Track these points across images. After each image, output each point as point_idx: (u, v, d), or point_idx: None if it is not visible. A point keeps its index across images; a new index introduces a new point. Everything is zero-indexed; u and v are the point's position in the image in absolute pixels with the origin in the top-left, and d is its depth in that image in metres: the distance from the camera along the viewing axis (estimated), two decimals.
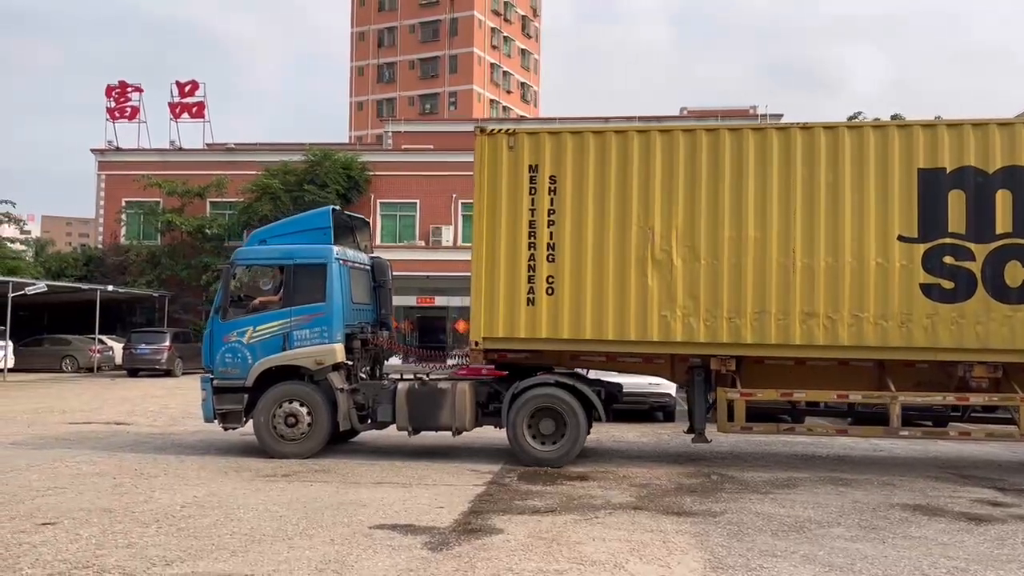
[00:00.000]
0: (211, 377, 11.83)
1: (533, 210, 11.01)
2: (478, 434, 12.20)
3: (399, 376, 12.18)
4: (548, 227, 10.96)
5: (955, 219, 10.40)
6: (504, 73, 76.78)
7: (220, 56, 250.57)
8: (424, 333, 33.36)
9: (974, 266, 10.33)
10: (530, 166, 11.06)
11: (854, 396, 10.70)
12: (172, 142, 42.94)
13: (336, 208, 12.73)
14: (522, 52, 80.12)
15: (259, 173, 37.56)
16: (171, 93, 43.17)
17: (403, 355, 13.78)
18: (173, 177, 38.76)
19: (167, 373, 30.06)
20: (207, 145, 43.54)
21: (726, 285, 10.62)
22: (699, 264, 10.70)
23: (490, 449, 12.44)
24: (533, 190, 11.05)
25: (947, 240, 10.40)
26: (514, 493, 9.34)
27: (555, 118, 50.32)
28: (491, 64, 75.23)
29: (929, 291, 10.36)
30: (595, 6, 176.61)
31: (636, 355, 11.23)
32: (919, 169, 10.50)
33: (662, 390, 15.45)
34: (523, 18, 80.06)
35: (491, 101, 74.60)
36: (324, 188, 36.33)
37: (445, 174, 38.36)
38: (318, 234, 11.96)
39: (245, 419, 11.76)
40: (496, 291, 11.05)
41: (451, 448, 12.48)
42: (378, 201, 38.66)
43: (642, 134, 11.03)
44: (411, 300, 32.36)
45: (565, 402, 11.06)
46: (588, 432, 11.33)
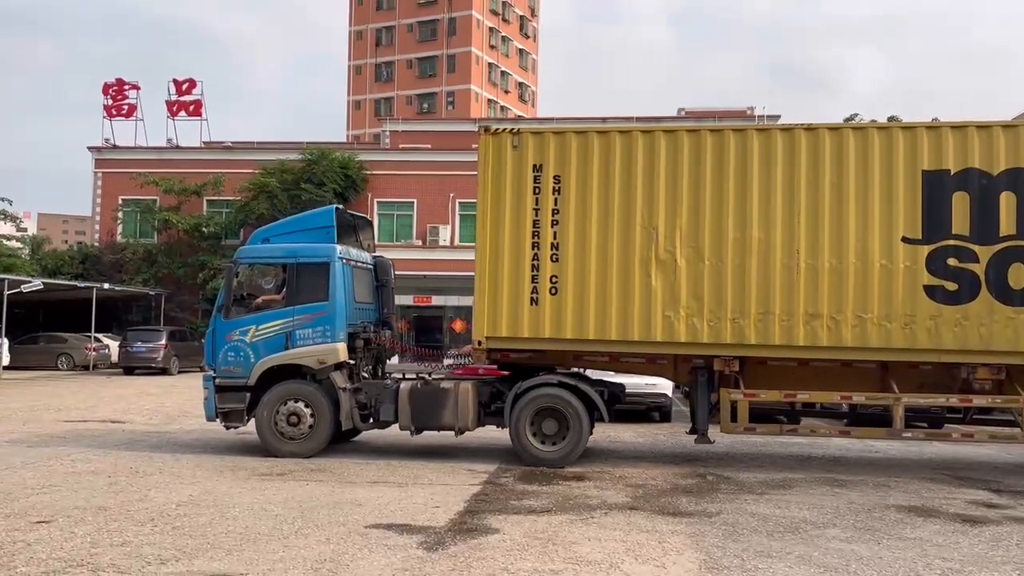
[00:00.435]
0: (213, 376, 11.77)
1: (537, 210, 10.97)
2: (474, 434, 12.16)
3: (401, 376, 12.13)
4: (552, 227, 10.93)
5: (959, 221, 10.38)
6: (502, 73, 76.77)
7: (219, 56, 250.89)
8: (421, 332, 33.33)
9: (978, 268, 10.31)
10: (534, 166, 11.02)
11: (858, 397, 10.71)
12: (169, 140, 42.85)
13: (339, 207, 12.70)
14: (520, 52, 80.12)
15: (256, 172, 37.48)
16: (168, 91, 43.13)
17: (399, 353, 13.76)
18: (170, 175, 38.60)
19: (163, 371, 29.97)
20: (204, 143, 43.49)
21: (730, 286, 10.59)
22: (703, 265, 10.66)
23: (486, 449, 12.40)
24: (537, 189, 10.99)
25: (951, 242, 10.37)
26: (510, 493, 9.30)
27: (553, 118, 50.39)
28: (489, 64, 75.21)
29: (933, 293, 10.33)
30: (594, 6, 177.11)
31: (639, 355, 11.20)
32: (923, 171, 10.48)
33: (659, 390, 15.45)
34: (521, 18, 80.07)
35: (489, 101, 74.59)
36: (321, 187, 36.25)
37: (442, 173, 38.32)
38: (321, 233, 11.92)
39: (247, 418, 11.71)
40: (499, 291, 10.99)
41: (448, 448, 12.43)
42: (375, 200, 38.57)
43: (646, 135, 10.99)
44: (408, 299, 32.27)
45: (568, 402, 11.01)
46: (591, 433, 11.29)
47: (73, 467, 10.53)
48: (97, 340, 32.58)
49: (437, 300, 35.36)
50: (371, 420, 11.77)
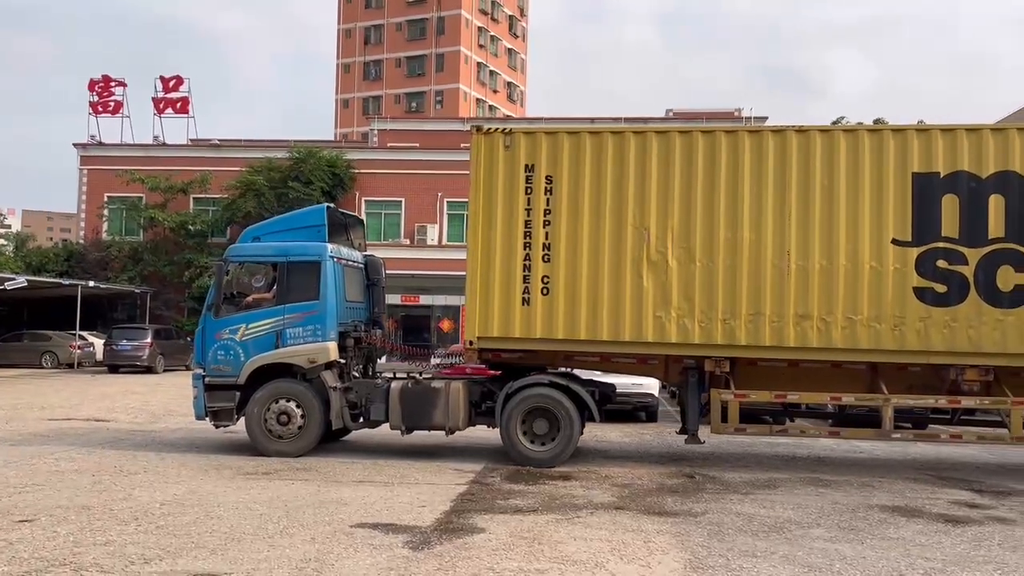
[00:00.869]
0: (203, 374, 11.67)
1: (529, 210, 10.95)
2: (462, 433, 12.09)
3: (392, 375, 12.07)
4: (544, 227, 10.91)
5: (948, 223, 10.42)
6: (491, 72, 76.70)
7: (207, 53, 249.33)
8: (408, 332, 33.29)
9: (967, 270, 10.35)
10: (526, 166, 11.01)
11: (847, 398, 10.77)
12: (156, 137, 42.58)
13: (331, 206, 12.63)
14: (509, 52, 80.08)
15: (243, 170, 37.23)
16: (155, 88, 42.84)
17: (387, 352, 13.70)
18: (156, 173, 38.29)
19: (148, 370, 29.73)
20: (191, 141, 43.19)
21: (721, 287, 10.60)
22: (694, 265, 10.66)
23: (473, 448, 12.37)
24: (529, 190, 10.97)
25: (940, 244, 10.41)
26: (496, 493, 9.28)
27: (541, 118, 50.39)
28: (478, 63, 75.15)
29: (922, 294, 10.37)
30: (583, 6, 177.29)
31: (630, 356, 11.20)
32: (913, 173, 10.52)
33: (645, 390, 15.45)
34: (510, 18, 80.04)
35: (477, 100, 74.52)
36: (309, 185, 36.08)
37: (431, 172, 38.24)
38: (312, 232, 11.87)
39: (237, 417, 11.63)
40: (491, 290, 10.97)
41: (434, 447, 12.38)
42: (363, 199, 38.44)
43: (638, 135, 10.99)
44: (396, 299, 32.20)
45: (559, 403, 10.99)
46: (581, 432, 11.28)
47: (56, 466, 10.42)
48: (82, 338, 32.35)
49: (425, 299, 35.33)
50: (361, 419, 11.73)
